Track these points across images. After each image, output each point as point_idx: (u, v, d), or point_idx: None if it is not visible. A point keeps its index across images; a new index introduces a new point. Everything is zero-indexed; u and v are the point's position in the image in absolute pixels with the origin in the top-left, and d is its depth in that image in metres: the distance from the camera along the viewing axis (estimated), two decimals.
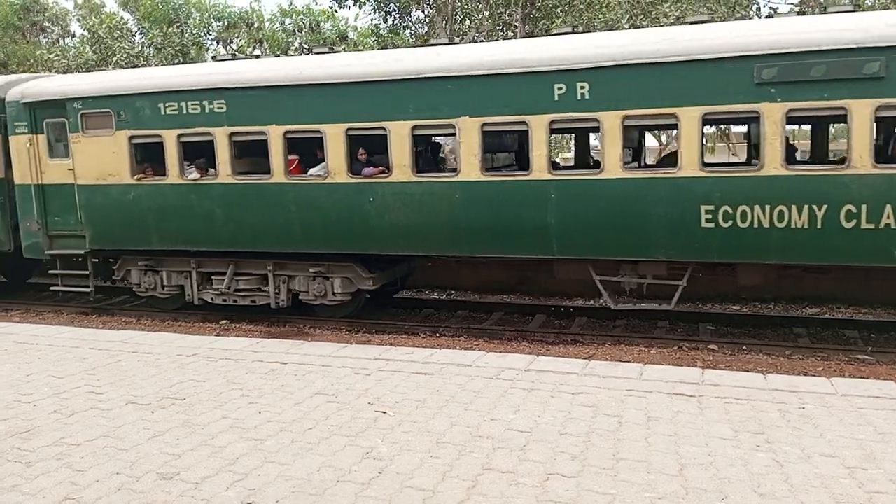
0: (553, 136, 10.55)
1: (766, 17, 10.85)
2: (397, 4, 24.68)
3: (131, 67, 16.62)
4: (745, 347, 9.42)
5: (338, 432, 5.29)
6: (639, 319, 11.11)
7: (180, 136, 10.74)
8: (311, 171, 10.52)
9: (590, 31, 11.40)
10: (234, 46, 33.59)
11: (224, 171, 10.63)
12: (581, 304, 12.09)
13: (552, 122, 9.00)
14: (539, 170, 9.17)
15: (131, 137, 11.02)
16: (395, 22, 25.47)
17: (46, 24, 33.65)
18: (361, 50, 27.45)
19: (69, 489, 4.47)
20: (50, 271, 12.43)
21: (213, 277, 11.41)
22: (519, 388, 6.20)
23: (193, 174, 10.89)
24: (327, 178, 10.13)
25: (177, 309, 12.17)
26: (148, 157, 11.26)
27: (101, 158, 11.24)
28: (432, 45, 10.56)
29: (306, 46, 31.69)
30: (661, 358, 8.95)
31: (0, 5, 32.24)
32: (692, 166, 8.59)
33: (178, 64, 18.49)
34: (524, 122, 9.14)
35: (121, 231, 11.42)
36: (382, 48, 22.03)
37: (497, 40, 18.76)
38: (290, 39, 33.46)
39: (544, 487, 4.32)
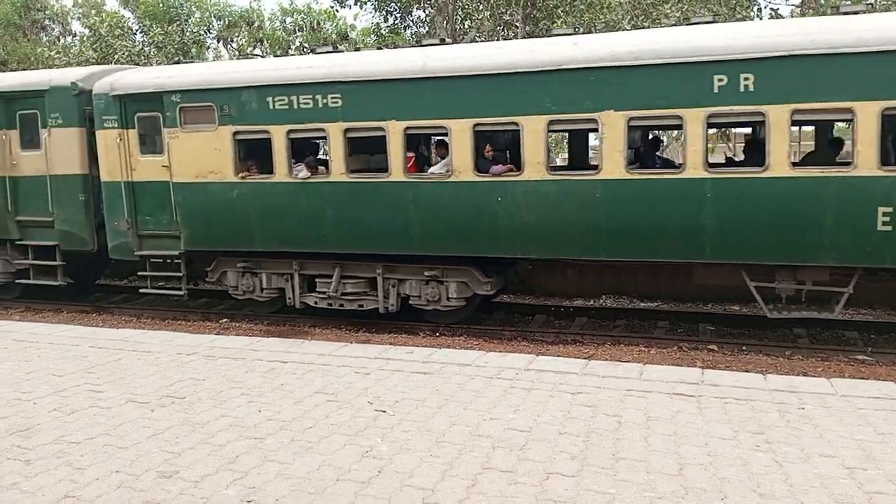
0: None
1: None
2: (398, 4, 24.69)
3: (133, 65, 16.36)
4: (744, 348, 9.42)
5: (337, 431, 5.29)
6: (639, 319, 11.12)
7: (290, 132, 10.21)
8: (432, 168, 10.13)
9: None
10: (235, 45, 33.61)
11: (337, 168, 10.09)
12: (581, 304, 12.09)
13: (710, 115, 8.46)
14: (694, 167, 8.61)
15: (235, 133, 10.46)
16: (396, 21, 25.48)
17: (47, 22, 33.65)
18: (360, 49, 27.48)
19: (69, 487, 4.47)
20: (139, 273, 11.87)
21: (316, 280, 10.88)
22: (518, 387, 6.20)
23: (303, 172, 10.40)
24: (451, 177, 9.59)
25: (180, 307, 12.00)
26: (252, 153, 10.78)
27: (201, 155, 10.68)
28: (557, 34, 9.98)
29: (307, 46, 31.72)
30: (661, 358, 8.94)
31: (1, 3, 32.24)
32: (869, 165, 8.02)
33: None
34: (678, 117, 8.60)
35: (220, 231, 10.87)
36: (383, 48, 22.05)
37: (497, 40, 18.77)
38: (290, 38, 33.47)
39: (543, 487, 4.32)
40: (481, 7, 22.95)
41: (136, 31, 30.58)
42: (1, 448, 5.12)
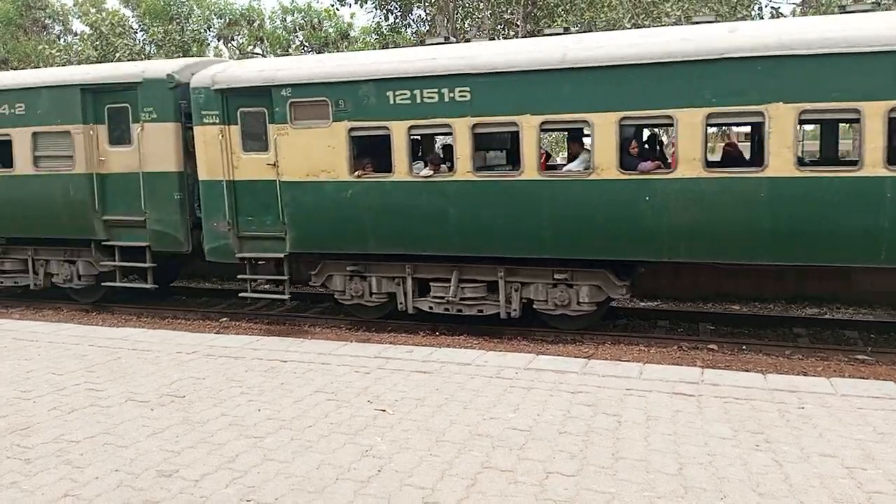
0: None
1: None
2: (398, 3, 24.67)
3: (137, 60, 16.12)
4: (744, 347, 9.42)
5: (337, 430, 5.29)
6: (639, 319, 11.12)
7: (411, 128, 9.65)
8: (570, 165, 9.67)
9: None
10: (235, 44, 33.59)
11: (463, 166, 9.49)
12: None
13: (892, 110, 7.86)
14: (873, 165, 8.01)
15: (351, 129, 9.90)
16: (397, 20, 25.47)
17: (48, 20, 33.63)
18: (359, 49, 27.48)
19: (68, 486, 4.47)
20: (239, 276, 11.24)
21: (430, 284, 10.29)
22: (518, 386, 6.19)
23: (425, 170, 9.85)
24: (592, 175, 8.98)
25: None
26: (368, 151, 10.30)
27: (313, 153, 10.10)
28: (697, 22, 9.44)
29: (307, 45, 31.72)
30: (661, 357, 8.94)
31: (2, 2, 32.23)
32: None
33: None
34: (855, 110, 8.05)
35: (331, 233, 10.32)
36: (384, 47, 22.07)
37: (498, 39, 18.74)
38: (290, 38, 33.45)
39: (543, 486, 4.32)
40: (482, 6, 22.94)
41: (137, 29, 30.58)
42: (1, 447, 5.12)
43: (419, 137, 10.80)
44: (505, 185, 9.50)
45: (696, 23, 9.28)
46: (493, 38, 20.55)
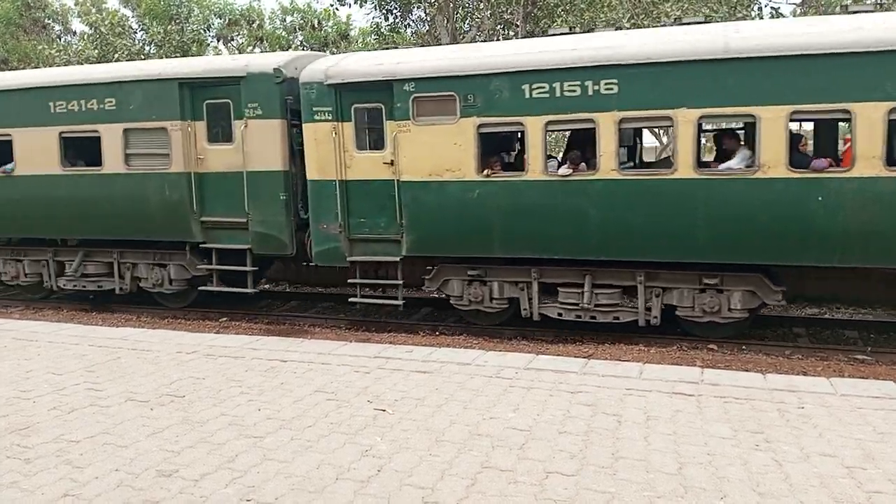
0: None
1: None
2: (398, 3, 24.67)
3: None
4: (744, 347, 9.41)
5: (337, 430, 5.29)
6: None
7: (548, 123, 9.08)
8: (729, 163, 8.98)
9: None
10: (235, 44, 33.59)
11: (607, 164, 8.88)
12: None
13: None
14: None
15: (480, 126, 9.34)
16: (396, 20, 25.46)
17: (48, 20, 33.63)
18: (358, 50, 27.50)
19: (68, 486, 4.47)
20: (349, 280, 10.74)
21: (558, 289, 9.70)
22: (518, 386, 6.20)
23: (562, 168, 9.26)
24: (757, 173, 8.39)
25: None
26: (497, 148, 9.92)
27: (437, 150, 9.54)
28: (855, 11, 8.80)
29: (306, 45, 31.71)
30: (661, 357, 8.94)
31: (1, 2, 32.23)
32: None
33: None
34: None
35: (453, 235, 9.73)
36: (384, 47, 22.06)
37: (497, 39, 18.75)
38: (290, 38, 33.46)
39: (543, 486, 4.32)
40: (482, 6, 22.94)
41: (137, 29, 30.58)
42: (0, 447, 5.12)
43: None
44: (654, 185, 8.90)
45: (854, 12, 8.75)
46: (493, 39, 20.60)
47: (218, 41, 33.85)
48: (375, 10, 24.90)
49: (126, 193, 11.33)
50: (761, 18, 20.43)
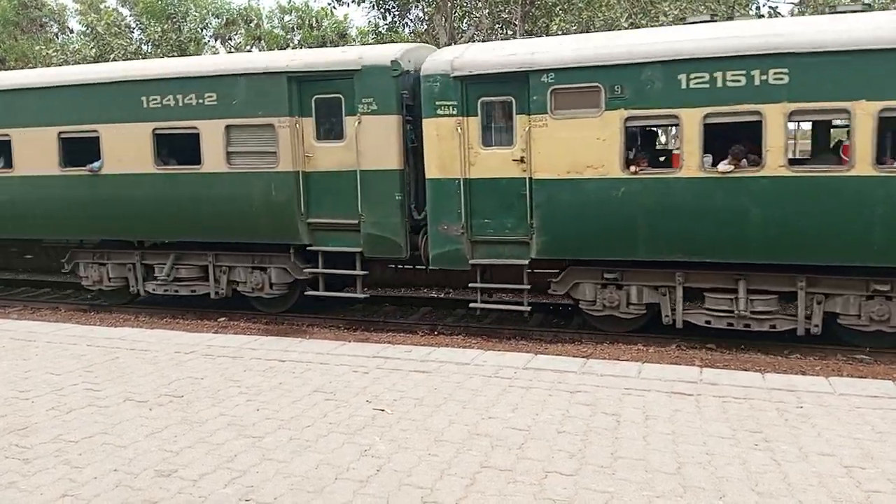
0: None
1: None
2: (396, 2, 24.67)
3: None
4: (743, 346, 9.42)
5: (336, 430, 5.29)
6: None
7: (707, 115, 8.44)
8: None
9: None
10: (233, 43, 33.58)
11: (774, 160, 8.28)
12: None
13: None
14: None
15: (627, 119, 8.76)
16: (394, 20, 25.47)
17: (45, 20, 33.59)
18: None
19: (67, 486, 4.46)
20: (471, 285, 10.21)
21: (705, 295, 9.13)
22: (517, 386, 6.20)
23: (723, 165, 8.62)
24: None
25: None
26: (642, 142, 9.38)
27: (576, 146, 8.95)
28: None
29: (304, 45, 31.70)
30: (660, 357, 8.94)
31: None
32: None
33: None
34: None
35: (591, 236, 9.13)
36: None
37: (496, 39, 18.74)
38: (288, 37, 33.45)
39: (542, 485, 4.32)
40: (480, 5, 22.95)
41: (134, 28, 30.55)
42: None
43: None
44: (826, 182, 8.27)
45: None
46: (492, 39, 20.59)
47: (215, 40, 33.84)
48: (373, 9, 24.91)
49: (227, 194, 10.75)
50: (760, 17, 20.44)
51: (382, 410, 5.68)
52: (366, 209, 10.19)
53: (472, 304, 10.37)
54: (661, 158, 10.09)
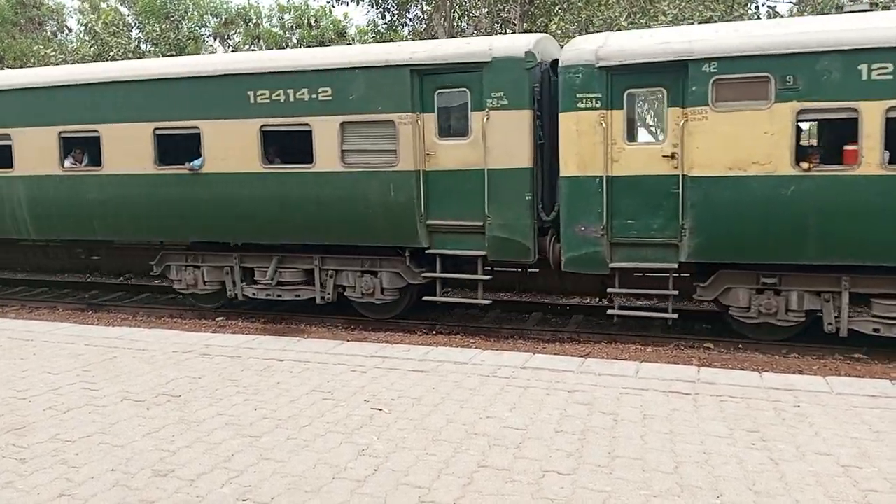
0: None
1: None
2: (395, 1, 24.67)
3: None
4: (740, 346, 9.43)
5: (333, 429, 5.29)
6: (635, 318, 11.10)
7: (890, 109, 7.85)
8: None
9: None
10: (231, 42, 33.55)
11: None
12: (577, 303, 12.08)
13: None
14: None
15: (799, 112, 8.20)
16: (393, 18, 25.46)
17: (43, 18, 33.54)
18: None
19: (64, 486, 4.46)
20: (609, 290, 9.66)
21: (872, 301, 8.57)
22: (515, 385, 6.20)
23: None
24: None
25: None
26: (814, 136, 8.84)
27: (741, 141, 8.36)
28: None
29: (303, 44, 31.67)
30: (657, 356, 8.95)
31: None
32: None
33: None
34: None
35: (754, 238, 8.50)
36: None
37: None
38: (287, 36, 33.42)
39: (539, 485, 4.32)
40: (479, 4, 22.95)
41: (133, 27, 30.52)
42: None
43: None
44: None
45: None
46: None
47: (214, 40, 33.82)
48: (373, 7, 24.90)
49: (342, 194, 10.16)
50: (759, 18, 20.45)
51: (380, 410, 5.68)
52: (493, 210, 9.62)
53: (609, 312, 9.81)
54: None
